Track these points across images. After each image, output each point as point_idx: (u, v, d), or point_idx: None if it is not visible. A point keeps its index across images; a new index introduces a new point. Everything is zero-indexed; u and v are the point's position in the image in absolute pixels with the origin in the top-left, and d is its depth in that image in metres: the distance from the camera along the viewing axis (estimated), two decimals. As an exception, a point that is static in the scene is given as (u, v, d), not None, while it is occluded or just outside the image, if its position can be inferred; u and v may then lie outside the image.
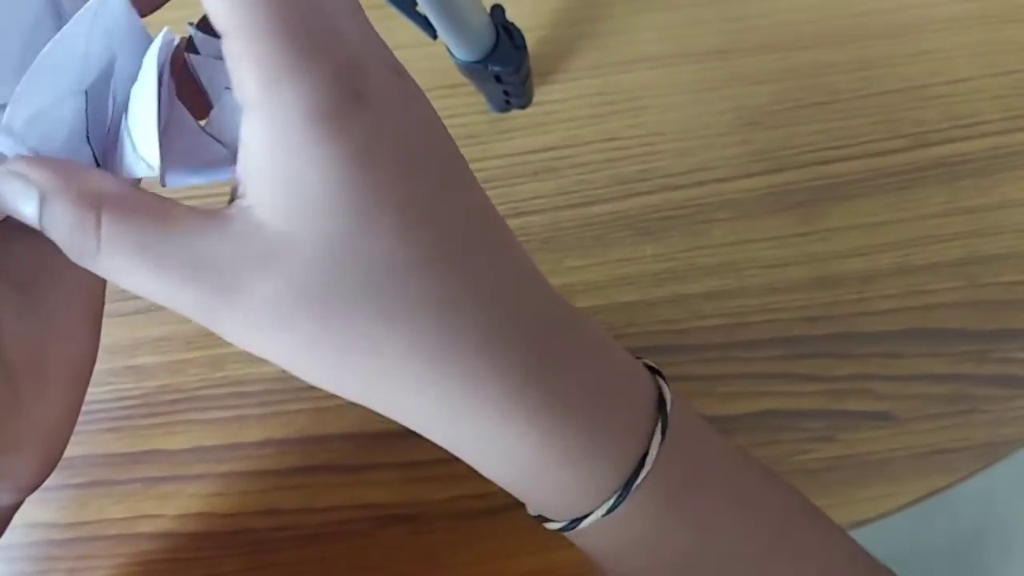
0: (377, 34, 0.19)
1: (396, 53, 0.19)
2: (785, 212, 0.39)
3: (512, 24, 0.35)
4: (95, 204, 0.17)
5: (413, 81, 0.19)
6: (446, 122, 0.19)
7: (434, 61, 0.39)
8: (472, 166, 0.19)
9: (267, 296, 0.17)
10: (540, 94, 0.41)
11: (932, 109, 0.40)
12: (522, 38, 0.35)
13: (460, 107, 0.41)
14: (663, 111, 0.41)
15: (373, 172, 0.17)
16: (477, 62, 0.35)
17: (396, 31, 0.42)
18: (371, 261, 0.17)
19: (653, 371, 0.23)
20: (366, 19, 0.18)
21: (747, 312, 0.38)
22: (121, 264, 0.17)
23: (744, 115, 0.40)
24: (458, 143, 0.19)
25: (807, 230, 0.39)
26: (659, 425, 0.21)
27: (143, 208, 0.18)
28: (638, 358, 0.23)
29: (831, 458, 0.36)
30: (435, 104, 0.19)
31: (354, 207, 0.17)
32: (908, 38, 0.41)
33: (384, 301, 0.18)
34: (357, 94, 0.17)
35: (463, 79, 0.38)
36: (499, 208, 0.19)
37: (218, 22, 0.17)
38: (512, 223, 0.39)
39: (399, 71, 0.19)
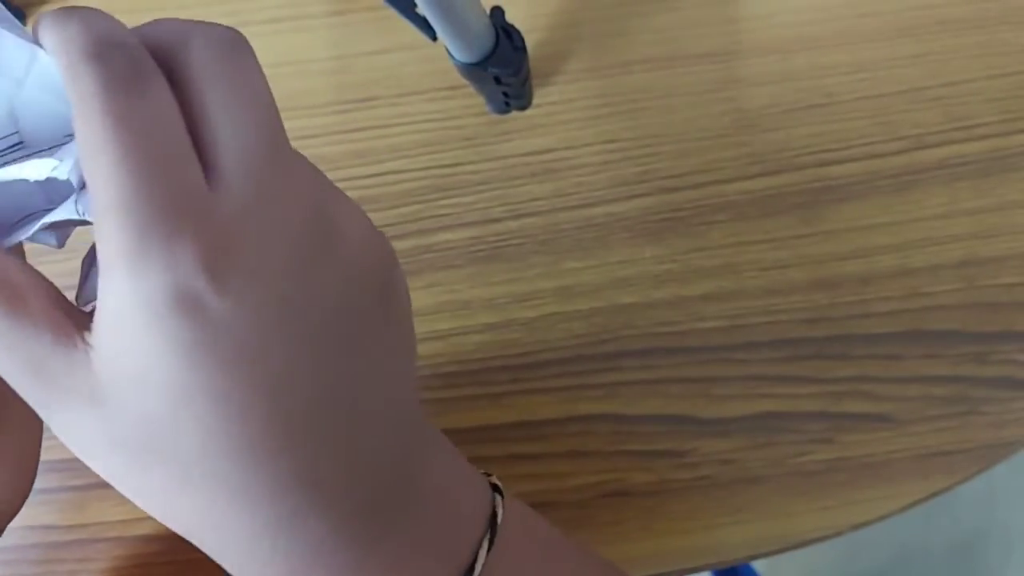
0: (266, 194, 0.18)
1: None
2: (784, 214, 0.39)
3: (511, 26, 0.35)
4: None
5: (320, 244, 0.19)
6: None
7: (433, 63, 0.39)
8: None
9: (84, 433, 0.18)
10: (539, 96, 0.41)
11: (930, 111, 0.40)
12: (521, 40, 0.35)
13: (459, 109, 0.41)
14: (662, 113, 0.41)
15: (204, 366, 0.17)
16: (476, 64, 0.35)
17: (395, 33, 0.42)
18: (175, 441, 0.18)
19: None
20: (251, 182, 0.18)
21: (746, 314, 0.38)
22: None
23: (742, 117, 0.40)
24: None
25: (806, 232, 0.39)
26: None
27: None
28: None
29: (830, 460, 0.36)
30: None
31: (174, 396, 0.17)
32: (906, 40, 0.41)
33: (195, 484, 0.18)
34: (213, 284, 0.17)
35: (462, 81, 0.38)
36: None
37: (92, 186, 0.17)
38: (510, 225, 0.39)
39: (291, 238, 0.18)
